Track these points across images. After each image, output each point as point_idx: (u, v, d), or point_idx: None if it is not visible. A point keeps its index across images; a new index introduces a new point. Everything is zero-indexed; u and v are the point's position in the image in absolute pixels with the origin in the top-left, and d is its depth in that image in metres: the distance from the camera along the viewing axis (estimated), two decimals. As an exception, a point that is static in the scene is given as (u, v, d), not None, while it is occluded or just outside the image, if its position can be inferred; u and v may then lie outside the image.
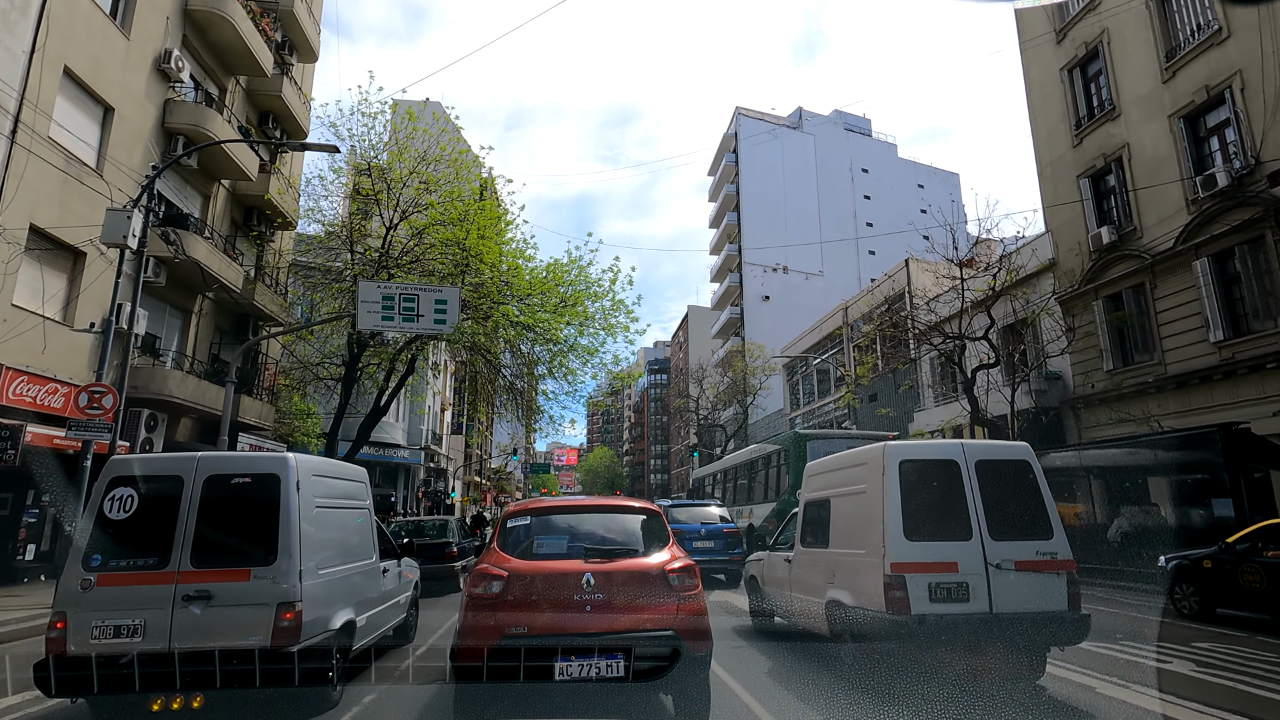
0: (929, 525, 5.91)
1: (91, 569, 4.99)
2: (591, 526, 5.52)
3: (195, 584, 4.99)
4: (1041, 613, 5.70)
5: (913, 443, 6.80)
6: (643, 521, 5.49)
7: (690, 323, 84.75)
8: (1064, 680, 6.14)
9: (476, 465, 63.46)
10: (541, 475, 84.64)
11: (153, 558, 5.05)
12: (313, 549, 5.48)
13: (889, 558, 5.77)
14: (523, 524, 5.45)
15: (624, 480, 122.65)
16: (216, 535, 5.22)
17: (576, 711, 5.04)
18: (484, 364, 23.16)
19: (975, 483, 6.00)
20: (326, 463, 6.66)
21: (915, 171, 69.46)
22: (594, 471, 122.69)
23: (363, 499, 7.16)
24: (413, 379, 27.36)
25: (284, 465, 5.43)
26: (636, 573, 4.98)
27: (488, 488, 67.79)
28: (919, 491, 6.02)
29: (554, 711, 5.08)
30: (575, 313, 17.83)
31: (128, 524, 5.15)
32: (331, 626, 5.56)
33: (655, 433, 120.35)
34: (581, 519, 5.64)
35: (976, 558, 5.77)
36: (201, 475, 5.29)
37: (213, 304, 18.59)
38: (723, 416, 51.60)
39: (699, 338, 76.98)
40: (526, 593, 4.81)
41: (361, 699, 5.70)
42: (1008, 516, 5.96)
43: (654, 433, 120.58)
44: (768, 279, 59.30)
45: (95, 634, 4.82)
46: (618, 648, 4.53)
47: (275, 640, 4.93)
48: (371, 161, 18.08)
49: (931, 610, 5.59)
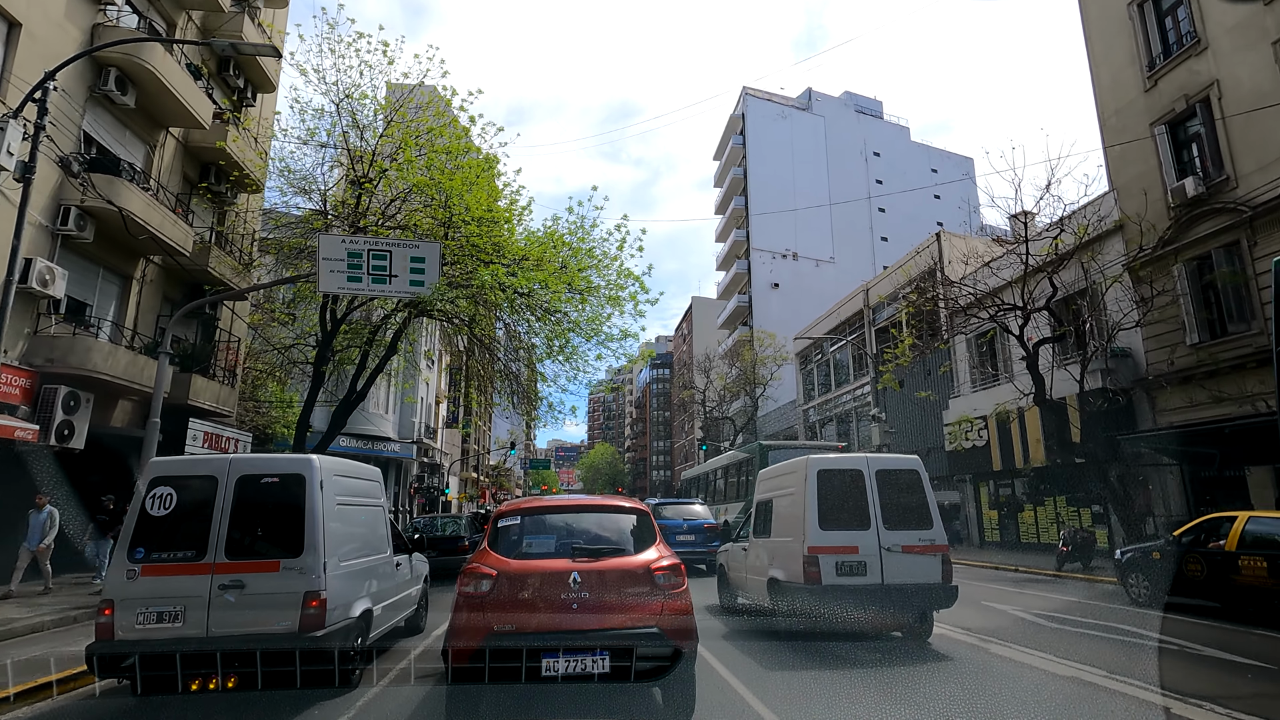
0: (838, 518, 7.73)
1: (136, 561, 5.44)
2: (581, 526, 5.59)
3: (230, 574, 5.44)
4: (921, 584, 7.56)
5: (829, 456, 8.76)
6: (631, 520, 5.63)
7: (694, 314, 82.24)
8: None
9: (474, 461, 61.06)
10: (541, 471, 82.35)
11: (191, 550, 5.50)
12: (334, 543, 5.91)
13: (807, 542, 7.61)
14: (514, 523, 5.54)
15: (626, 477, 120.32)
16: (248, 530, 5.70)
17: (565, 708, 5.16)
18: (475, 344, 20.76)
19: (875, 487, 7.84)
20: (345, 464, 7.04)
21: (929, 156, 66.97)
22: (595, 468, 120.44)
23: (377, 497, 7.55)
24: (398, 364, 25.02)
25: (309, 466, 5.91)
26: (623, 571, 5.06)
27: (485, 484, 65.38)
28: (831, 493, 7.85)
29: (545, 709, 5.22)
30: (577, 278, 15.39)
31: (168, 520, 5.60)
32: (351, 615, 5.98)
33: (658, 428, 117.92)
34: (571, 518, 5.69)
35: (873, 543, 7.64)
36: (234, 475, 5.75)
37: (160, 271, 16.15)
38: (731, 409, 49.17)
39: (704, 329, 74.44)
40: (515, 591, 4.89)
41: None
42: (899, 512, 7.79)
43: (656, 428, 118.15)
44: (777, 265, 56.84)
45: (140, 620, 5.30)
46: (604, 646, 4.65)
47: (302, 626, 5.39)
48: (346, 98, 15.66)
49: (837, 581, 7.44)
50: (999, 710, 5.35)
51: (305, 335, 20.06)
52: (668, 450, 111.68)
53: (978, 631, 8.40)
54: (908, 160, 65.10)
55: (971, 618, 9.29)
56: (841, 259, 58.54)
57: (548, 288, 14.94)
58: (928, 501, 7.96)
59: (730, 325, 60.30)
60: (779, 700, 5.47)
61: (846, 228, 60.20)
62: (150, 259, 15.71)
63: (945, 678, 6.35)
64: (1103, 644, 7.69)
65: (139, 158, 15.57)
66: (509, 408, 23.26)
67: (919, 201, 64.47)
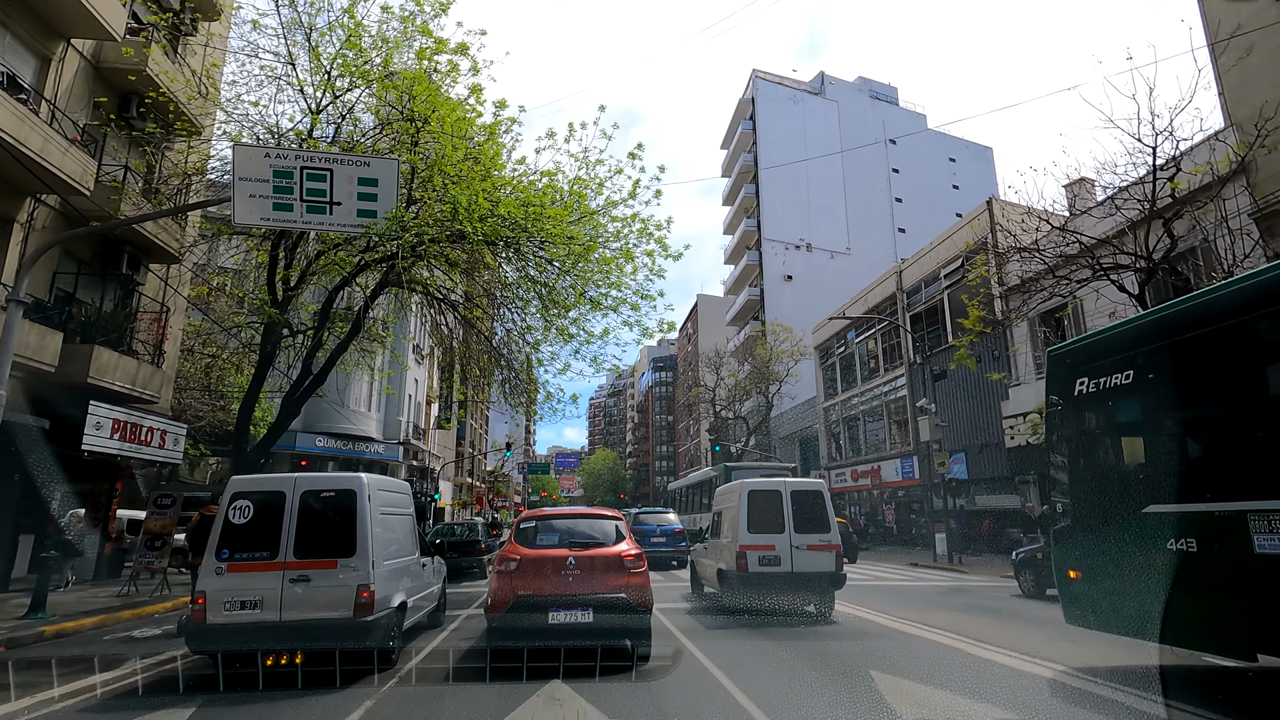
0: (762, 525, 10.58)
1: (222, 560, 6.61)
2: (576, 528, 8.04)
3: (298, 570, 6.62)
4: (819, 572, 10.40)
5: (759, 479, 11.71)
6: (610, 524, 8.10)
7: (700, 313, 79.02)
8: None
9: (468, 465, 57.66)
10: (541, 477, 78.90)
11: (266, 551, 6.67)
12: (379, 545, 7.06)
13: (739, 542, 10.50)
14: (531, 525, 8.07)
15: (628, 484, 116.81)
16: (311, 535, 6.82)
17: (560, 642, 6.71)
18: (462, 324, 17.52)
19: (789, 503, 10.67)
20: (385, 480, 8.37)
21: (946, 144, 63.79)
22: (596, 474, 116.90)
23: (408, 507, 8.78)
24: (377, 352, 21.73)
25: (359, 483, 7.14)
26: (603, 557, 7.48)
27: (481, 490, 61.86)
28: (758, 507, 10.70)
29: (547, 646, 6.74)
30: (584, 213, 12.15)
31: (246, 527, 6.78)
32: (392, 605, 7.15)
33: (661, 433, 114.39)
34: (569, 523, 8.20)
35: (786, 543, 10.49)
36: (299, 490, 6.98)
37: (58, 216, 12.88)
38: (743, 408, 45.87)
39: (710, 328, 71.12)
40: (532, 569, 7.34)
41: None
42: (806, 521, 10.64)
43: (659, 433, 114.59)
44: (790, 257, 53.62)
45: (227, 606, 6.47)
46: (589, 604, 7.11)
47: (356, 613, 6.55)
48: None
49: (760, 570, 10.34)
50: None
51: (258, 310, 16.82)
52: (671, 455, 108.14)
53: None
54: (925, 148, 61.89)
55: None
56: (858, 251, 55.32)
57: (540, 218, 11.70)
58: (827, 513, 10.77)
59: (740, 321, 57.01)
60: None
61: (863, 218, 57.04)
62: (41, 200, 12.44)
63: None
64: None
65: (28, 71, 12.34)
66: (503, 401, 19.91)
67: (938, 191, 61.42)
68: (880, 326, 32.15)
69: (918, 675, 6.43)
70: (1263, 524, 5.00)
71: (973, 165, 64.26)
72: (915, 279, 29.02)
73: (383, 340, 21.68)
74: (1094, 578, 6.58)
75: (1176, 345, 6.02)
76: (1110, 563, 6.37)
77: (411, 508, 8.89)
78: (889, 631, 9.14)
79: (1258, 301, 5.34)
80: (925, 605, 11.67)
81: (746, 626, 9.43)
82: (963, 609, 11.32)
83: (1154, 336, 6.28)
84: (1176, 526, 5.67)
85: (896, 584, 15.58)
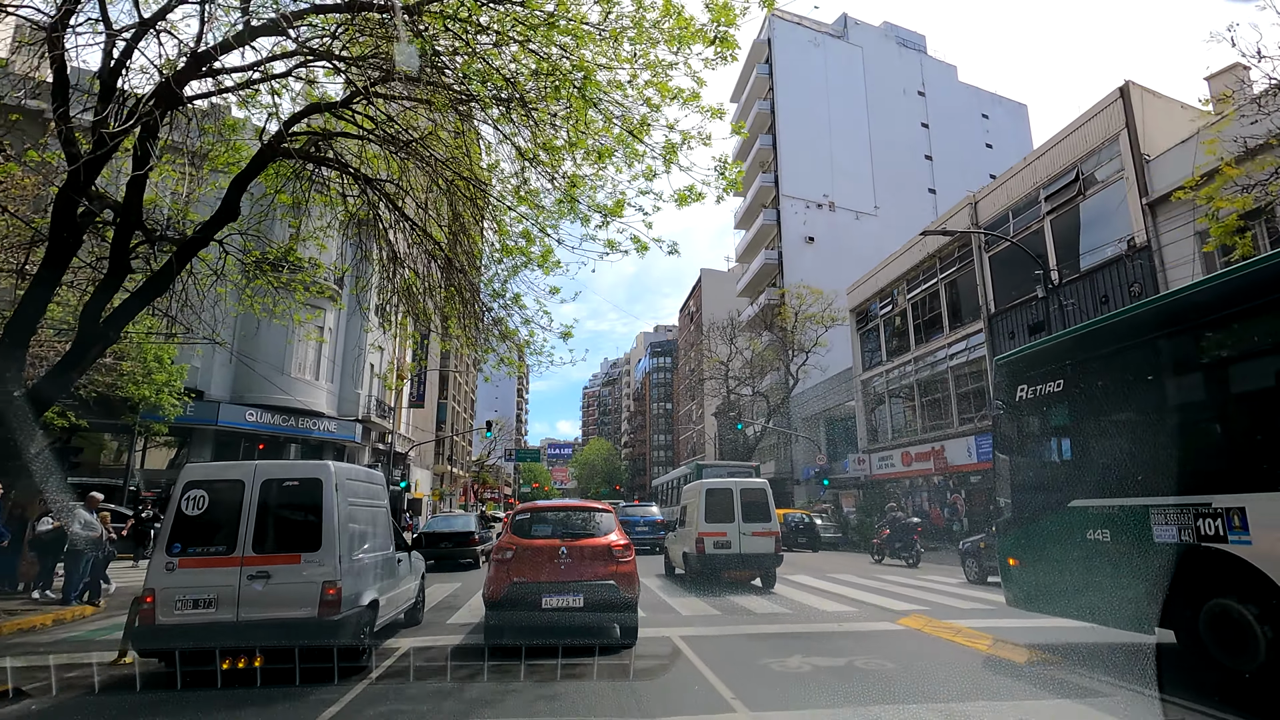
0: (717, 516, 12.98)
1: (173, 555, 6.10)
2: (568, 519, 8.48)
3: (257, 566, 6.10)
4: (761, 554, 12.85)
5: (715, 480, 14.44)
6: (600, 516, 8.46)
7: (704, 289, 72.99)
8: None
9: (448, 451, 51.49)
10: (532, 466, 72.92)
11: (222, 545, 6.17)
12: (348, 539, 6.58)
13: (698, 530, 12.96)
14: (526, 517, 8.40)
15: (623, 474, 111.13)
16: (272, 527, 6.33)
17: (558, 628, 7.19)
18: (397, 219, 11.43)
19: (739, 498, 13.14)
20: (355, 469, 7.86)
21: (978, 99, 57.89)
22: (590, 465, 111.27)
23: (381, 499, 8.29)
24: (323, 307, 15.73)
25: (325, 471, 6.61)
26: (593, 547, 7.83)
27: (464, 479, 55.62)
28: (714, 502, 13.14)
29: (541, 629, 7.39)
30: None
31: (201, 519, 6.26)
32: (361, 603, 6.65)
33: (659, 421, 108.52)
34: (562, 514, 8.62)
35: (735, 530, 12.88)
36: (259, 479, 6.41)
37: None
38: (763, 384, 39.90)
39: (715, 306, 65.03)
40: (527, 557, 7.66)
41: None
42: (751, 512, 13.08)
43: (657, 422, 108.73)
44: (811, 217, 47.56)
45: (178, 605, 5.97)
46: (580, 590, 7.43)
47: (321, 612, 6.07)
48: None
49: (714, 552, 12.78)
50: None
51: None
52: (670, 445, 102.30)
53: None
54: (956, 103, 55.96)
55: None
56: (886, 213, 49.32)
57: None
58: (769, 506, 13.38)
59: (753, 292, 50.95)
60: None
61: (891, 176, 51.00)
62: None
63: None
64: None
65: None
66: (462, 338, 13.72)
67: (970, 150, 55.50)
68: (945, 275, 26.13)
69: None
70: (1160, 517, 5.70)
71: (1007, 122, 58.33)
72: (998, 209, 23.01)
73: (305, 278, 14.94)
74: (1030, 565, 7.32)
75: (1094, 359, 6.82)
76: (1043, 551, 7.13)
77: (386, 499, 8.59)
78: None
79: (1155, 324, 6.17)
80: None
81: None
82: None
83: (1076, 350, 7.09)
84: (1094, 519, 6.42)
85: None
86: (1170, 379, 6.06)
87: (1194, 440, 5.72)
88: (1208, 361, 5.78)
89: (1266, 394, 5.25)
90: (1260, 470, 5.01)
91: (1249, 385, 5.46)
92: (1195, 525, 5.35)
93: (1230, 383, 5.62)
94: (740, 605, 10.44)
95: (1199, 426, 5.80)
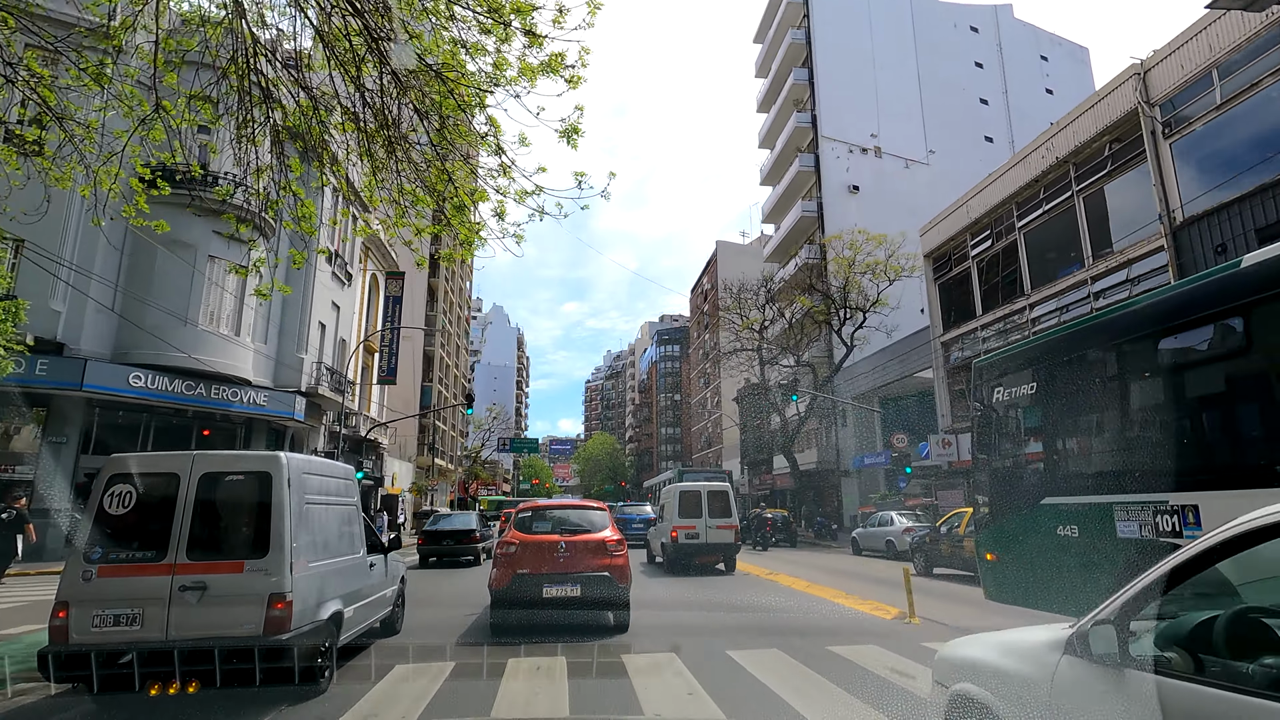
0: (687, 513, 16.22)
1: (92, 561, 5.13)
2: (567, 517, 9.47)
3: (191, 575, 5.13)
4: (723, 543, 16.23)
5: (685, 483, 18.36)
6: (597, 514, 9.49)
7: (719, 263, 66.01)
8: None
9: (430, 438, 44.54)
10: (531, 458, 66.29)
11: (151, 551, 5.20)
12: (303, 543, 5.60)
13: (672, 524, 16.17)
14: (528, 515, 9.37)
15: (628, 470, 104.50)
16: (212, 529, 5.44)
17: (557, 617, 8.28)
18: None
19: (706, 498, 16.41)
20: (317, 461, 6.84)
21: (1037, 39, 50.88)
22: (593, 460, 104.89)
23: (350, 496, 7.30)
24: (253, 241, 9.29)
25: (276, 464, 5.56)
26: (589, 542, 8.73)
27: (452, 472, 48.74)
28: (685, 501, 16.35)
29: (545, 618, 8.25)
30: None
31: (127, 519, 5.27)
32: (320, 617, 5.70)
33: (666, 414, 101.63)
34: (561, 512, 9.65)
35: (702, 524, 16.08)
36: (197, 472, 5.40)
37: None
38: (806, 353, 32.99)
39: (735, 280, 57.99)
40: (529, 551, 8.55)
41: None
42: (716, 508, 16.38)
43: (664, 414, 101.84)
44: (855, 163, 40.68)
45: (96, 622, 5.00)
46: (577, 580, 8.32)
47: (267, 629, 5.11)
48: None
49: (685, 542, 16.02)
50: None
51: None
52: (678, 438, 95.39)
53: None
54: (1012, 41, 49.05)
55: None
56: (938, 160, 42.44)
57: None
58: (731, 505, 16.80)
59: (784, 253, 44.05)
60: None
61: (942, 121, 44.10)
62: None
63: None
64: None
65: None
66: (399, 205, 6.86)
67: (1028, 95, 48.53)
68: (1085, 185, 19.16)
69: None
70: (1123, 514, 6.04)
71: (1067, 66, 51.31)
72: (1179, 79, 16.07)
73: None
74: (1006, 560, 7.67)
75: (1062, 364, 7.13)
76: (1017, 547, 7.51)
77: (356, 496, 7.51)
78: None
79: (1115, 332, 6.56)
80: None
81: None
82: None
83: (1047, 355, 7.41)
84: (1064, 516, 6.78)
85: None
86: (1130, 384, 6.45)
87: (1152, 442, 6.06)
88: (1162, 368, 6.09)
89: (1215, 399, 5.74)
90: (1210, 471, 5.46)
91: (1199, 391, 5.84)
92: (1154, 522, 5.67)
93: (1183, 388, 5.91)
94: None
95: (1156, 429, 6.12)
